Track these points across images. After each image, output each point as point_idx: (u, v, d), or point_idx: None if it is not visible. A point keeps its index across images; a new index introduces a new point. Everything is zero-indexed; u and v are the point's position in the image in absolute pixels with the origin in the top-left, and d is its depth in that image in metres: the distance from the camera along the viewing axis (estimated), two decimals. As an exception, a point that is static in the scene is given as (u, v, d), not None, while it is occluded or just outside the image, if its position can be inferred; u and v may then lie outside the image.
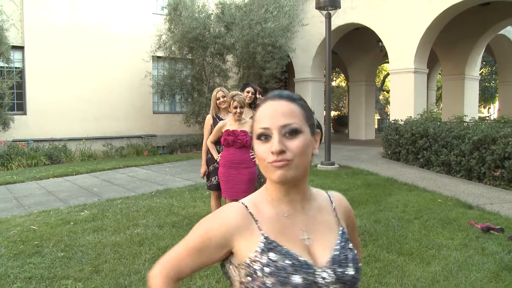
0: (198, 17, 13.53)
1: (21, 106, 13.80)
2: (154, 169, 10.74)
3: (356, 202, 6.45)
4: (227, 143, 4.55)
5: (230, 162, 4.55)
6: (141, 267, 4.15)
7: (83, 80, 14.48)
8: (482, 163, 7.86)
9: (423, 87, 13.14)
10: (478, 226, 5.11)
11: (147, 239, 4.95)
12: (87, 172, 10.39)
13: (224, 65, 14.79)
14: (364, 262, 4.13)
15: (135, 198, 7.29)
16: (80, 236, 5.14)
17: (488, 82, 27.89)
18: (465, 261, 4.14)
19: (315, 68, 15.66)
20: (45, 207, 6.83)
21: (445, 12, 11.75)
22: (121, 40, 15.09)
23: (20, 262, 4.32)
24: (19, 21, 13.62)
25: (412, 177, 8.46)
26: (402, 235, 4.94)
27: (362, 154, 12.05)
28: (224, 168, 4.61)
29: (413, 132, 9.77)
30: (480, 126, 8.59)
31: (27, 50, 13.67)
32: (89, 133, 14.47)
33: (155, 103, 16.26)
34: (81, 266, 4.21)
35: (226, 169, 4.58)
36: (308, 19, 14.97)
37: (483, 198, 6.70)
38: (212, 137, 4.80)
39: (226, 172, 4.59)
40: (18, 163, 11.79)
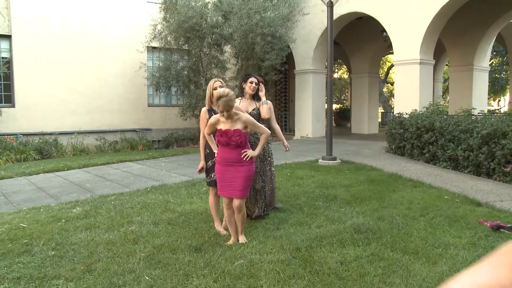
0: (195, 6, 13.33)
1: (9, 98, 13.69)
2: (149, 164, 10.61)
3: (359, 199, 6.34)
4: (221, 144, 4.48)
5: (226, 160, 4.50)
6: (135, 266, 4.06)
7: (75, 71, 14.38)
8: (491, 158, 7.68)
9: (429, 79, 12.90)
10: (488, 224, 4.98)
11: (142, 237, 4.87)
12: (79, 167, 10.27)
13: (221, 56, 14.61)
14: (368, 261, 4.05)
15: (129, 194, 7.18)
16: (72, 234, 5.04)
17: (498, 73, 27.69)
18: (473, 261, 3.92)
19: (316, 59, 15.46)
20: (35, 204, 6.72)
21: (453, 0, 11.43)
22: (114, 29, 15.00)
23: (8, 262, 4.22)
24: (5, 8, 13.44)
25: (417, 172, 8.30)
26: (407, 233, 4.84)
27: (365, 149, 11.90)
28: (221, 165, 4.55)
29: (418, 126, 9.61)
30: (489, 120, 8.41)
31: (14, 39, 13.50)
32: (81, 126, 14.41)
33: (150, 96, 16.19)
34: (73, 265, 4.13)
35: (223, 166, 4.52)
36: (309, 8, 14.77)
37: (493, 195, 6.51)
38: (207, 130, 4.68)
39: (222, 169, 4.53)
40: (6, 157, 11.66)
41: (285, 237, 4.65)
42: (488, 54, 16.03)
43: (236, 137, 4.35)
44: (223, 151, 4.50)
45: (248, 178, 4.49)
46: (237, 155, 4.45)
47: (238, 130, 4.37)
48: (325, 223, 5.18)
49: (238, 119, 4.40)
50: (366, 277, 3.74)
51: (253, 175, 4.58)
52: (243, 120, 4.41)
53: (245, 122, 4.41)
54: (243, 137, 4.40)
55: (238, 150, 4.44)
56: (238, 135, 4.36)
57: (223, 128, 4.40)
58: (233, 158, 4.45)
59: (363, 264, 3.98)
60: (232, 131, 4.36)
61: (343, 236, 4.68)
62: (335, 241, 4.54)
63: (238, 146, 4.42)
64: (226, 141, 4.38)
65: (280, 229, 5.00)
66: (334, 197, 6.42)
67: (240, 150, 4.44)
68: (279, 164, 9.06)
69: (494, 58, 26.26)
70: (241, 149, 4.44)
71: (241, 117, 4.43)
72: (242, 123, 4.40)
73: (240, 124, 4.40)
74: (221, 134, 4.41)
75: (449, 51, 16.34)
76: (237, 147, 4.42)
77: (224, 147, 4.47)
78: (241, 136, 4.37)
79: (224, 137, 4.38)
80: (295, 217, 5.41)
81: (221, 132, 4.41)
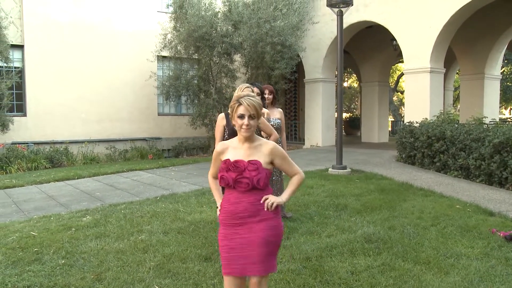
0: (205, 15, 13.35)
1: (20, 107, 13.84)
2: (159, 173, 10.59)
3: (370, 208, 6.28)
4: (225, 183, 2.79)
5: (232, 216, 2.79)
6: (145, 275, 4.04)
7: (86, 81, 14.52)
8: (503, 167, 7.57)
9: (440, 87, 12.83)
10: (501, 234, 4.90)
11: (151, 246, 4.85)
12: (90, 176, 10.28)
13: (231, 65, 14.61)
14: (379, 271, 4.03)
15: (139, 203, 7.16)
16: (82, 242, 5.03)
17: (510, 81, 27.59)
18: (486, 272, 3.96)
19: (326, 68, 15.44)
20: (46, 212, 6.71)
21: (464, 8, 11.41)
22: (124, 39, 15.12)
23: (18, 270, 4.22)
24: (19, 18, 13.64)
25: (428, 181, 8.23)
26: (418, 242, 4.79)
27: (375, 158, 11.83)
28: (225, 227, 2.83)
29: (429, 135, 9.53)
30: (501, 128, 8.28)
31: (27, 49, 13.69)
32: (91, 135, 14.53)
33: (160, 105, 16.25)
34: (82, 274, 4.12)
35: (228, 228, 2.81)
36: (319, 17, 14.78)
37: (505, 205, 6.41)
38: (212, 170, 3.10)
39: (228, 233, 2.81)
40: (17, 166, 11.72)
41: (295, 247, 4.60)
42: (500, 62, 15.92)
43: (252, 172, 2.72)
44: (227, 199, 2.82)
45: (273, 242, 2.78)
46: (251, 204, 2.76)
47: (256, 162, 2.76)
48: (336, 233, 5.13)
49: (261, 145, 2.84)
50: (377, 287, 3.71)
51: (281, 235, 2.87)
52: (269, 150, 2.81)
53: (273, 153, 2.83)
54: (263, 175, 2.74)
55: (254, 196, 2.76)
56: (255, 169, 2.73)
57: (232, 158, 2.79)
58: (246, 210, 2.75)
59: (374, 274, 3.95)
60: (246, 162, 2.75)
61: (354, 245, 4.63)
62: (346, 251, 4.50)
63: (253, 189, 2.75)
64: (235, 179, 2.73)
65: (290, 238, 4.96)
66: (344, 206, 6.38)
67: (257, 196, 2.77)
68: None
69: (506, 66, 26.15)
70: (258, 192, 2.77)
71: (266, 145, 2.84)
72: (267, 153, 2.81)
73: (262, 154, 2.81)
74: (227, 167, 2.77)
75: (460, 59, 16.24)
76: (251, 191, 2.75)
77: (231, 192, 2.80)
78: (260, 171, 2.74)
79: (232, 170, 2.75)
80: (305, 227, 5.36)
81: (228, 164, 2.78)
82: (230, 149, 2.86)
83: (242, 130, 2.76)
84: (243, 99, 2.76)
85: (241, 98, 2.77)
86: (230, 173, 2.75)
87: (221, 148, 2.91)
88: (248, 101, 2.75)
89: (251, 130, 2.77)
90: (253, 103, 2.75)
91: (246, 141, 2.82)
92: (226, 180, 2.76)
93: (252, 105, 2.75)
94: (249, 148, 2.82)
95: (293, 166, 2.94)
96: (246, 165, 2.74)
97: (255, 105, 2.76)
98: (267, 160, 2.80)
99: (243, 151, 2.81)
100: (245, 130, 2.76)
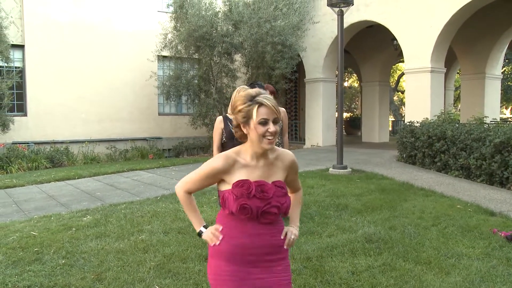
0: (205, 15, 13.38)
1: (21, 107, 13.89)
2: (160, 172, 10.61)
3: (370, 208, 6.28)
4: (247, 214, 2.05)
5: (245, 252, 2.12)
6: (145, 275, 4.05)
7: (86, 80, 14.57)
8: (504, 167, 7.57)
9: (440, 87, 12.85)
10: (502, 234, 4.90)
11: (152, 246, 4.85)
12: (90, 175, 10.30)
13: (232, 65, 14.64)
14: (380, 271, 4.03)
15: (139, 203, 7.15)
16: (82, 242, 5.04)
17: (511, 81, 27.57)
18: (488, 272, 3.96)
19: (327, 68, 15.45)
20: (46, 212, 6.72)
21: (465, 7, 11.42)
22: (125, 38, 15.18)
23: (19, 270, 4.23)
24: (19, 18, 13.69)
25: (429, 181, 8.23)
26: (419, 242, 4.79)
27: (375, 158, 11.83)
28: (231, 264, 2.14)
29: (429, 135, 9.55)
30: (502, 128, 8.30)
31: (27, 49, 13.74)
32: (92, 135, 14.58)
33: (161, 105, 16.32)
34: (83, 274, 4.13)
35: (241, 266, 2.12)
36: (319, 16, 14.80)
37: (507, 205, 6.40)
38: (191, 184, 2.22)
39: (239, 272, 2.13)
40: (18, 166, 11.74)
41: (295, 247, 4.58)
42: (501, 62, 15.93)
43: (281, 199, 2.11)
44: (241, 229, 2.10)
45: None
46: (273, 238, 2.15)
47: (282, 184, 2.16)
48: (336, 233, 5.13)
49: (277, 158, 2.19)
50: (378, 287, 3.72)
51: None
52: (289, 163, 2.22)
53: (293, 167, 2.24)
54: (289, 199, 2.19)
55: (276, 228, 2.17)
56: (283, 194, 2.13)
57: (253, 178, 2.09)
58: (265, 246, 2.13)
59: (375, 274, 3.95)
60: (272, 186, 2.11)
61: (355, 245, 4.63)
62: (346, 251, 4.50)
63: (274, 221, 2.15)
64: (263, 210, 2.06)
65: None
66: (345, 206, 6.37)
67: (278, 228, 2.18)
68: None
69: (507, 66, 26.14)
70: (279, 224, 2.20)
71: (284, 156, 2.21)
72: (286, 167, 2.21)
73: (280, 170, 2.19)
74: (249, 193, 2.04)
75: (461, 59, 16.27)
76: (273, 222, 2.15)
77: (249, 222, 2.09)
78: (287, 196, 2.17)
79: (256, 199, 2.05)
80: (306, 227, 5.35)
81: (250, 188, 2.05)
82: (239, 166, 2.09)
83: (266, 141, 2.02)
84: (262, 98, 2.03)
85: (258, 96, 2.04)
86: (254, 201, 2.03)
87: (225, 163, 2.08)
88: (270, 101, 2.04)
89: (274, 141, 2.06)
90: (275, 103, 2.07)
91: (263, 155, 2.11)
92: (250, 211, 2.02)
93: (276, 106, 2.05)
94: (266, 164, 2.13)
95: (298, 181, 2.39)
96: (273, 189, 2.09)
97: (276, 106, 2.06)
98: (284, 176, 2.20)
99: (261, 169, 2.11)
100: (270, 141, 2.03)
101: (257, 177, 2.08)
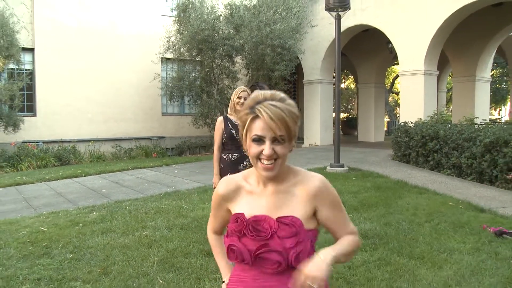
0: (207, 19, 13.50)
1: (31, 108, 13.98)
2: (163, 170, 10.71)
3: (366, 205, 6.39)
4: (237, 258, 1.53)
5: None
6: (149, 270, 4.11)
7: (93, 82, 14.64)
8: (494, 166, 7.74)
9: (433, 89, 13.03)
10: (491, 230, 5.03)
11: (155, 241, 4.91)
12: (96, 173, 10.41)
13: (233, 66, 14.75)
14: (375, 266, 4.09)
15: (143, 200, 7.25)
16: (89, 237, 5.12)
17: (499, 84, 27.77)
18: (478, 266, 4.06)
19: (324, 70, 15.60)
20: (54, 208, 6.81)
21: (456, 13, 11.64)
22: (130, 41, 15.23)
23: (29, 263, 4.32)
24: (30, 23, 13.78)
25: (423, 179, 8.36)
26: (413, 238, 4.88)
27: (371, 157, 11.93)
28: None
29: (423, 135, 9.68)
30: (491, 129, 8.46)
31: (37, 52, 13.84)
32: (98, 134, 14.63)
33: (164, 105, 16.37)
34: (89, 268, 4.21)
35: None
36: (317, 20, 14.93)
37: (495, 202, 6.57)
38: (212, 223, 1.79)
39: None
40: (27, 164, 11.89)
41: None
42: (490, 65, 16.07)
43: (287, 241, 1.46)
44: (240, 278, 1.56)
45: None
46: None
47: (293, 220, 1.48)
48: None
49: (295, 185, 1.56)
50: (373, 281, 3.77)
51: None
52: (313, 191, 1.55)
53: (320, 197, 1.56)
54: (307, 244, 1.48)
55: (287, 278, 1.46)
56: (292, 234, 1.46)
57: (248, 213, 1.53)
58: None
59: (371, 269, 4.02)
60: (274, 222, 1.49)
61: None
62: None
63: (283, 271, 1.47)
64: (255, 254, 1.48)
65: None
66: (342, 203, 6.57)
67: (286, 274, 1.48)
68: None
69: (495, 69, 26.24)
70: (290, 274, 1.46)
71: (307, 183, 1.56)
72: (309, 198, 1.54)
73: (299, 202, 1.53)
74: (239, 230, 1.51)
75: (452, 62, 16.40)
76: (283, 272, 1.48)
77: (250, 270, 1.52)
78: (301, 238, 1.47)
79: (248, 238, 1.50)
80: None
81: (242, 224, 1.52)
82: (245, 193, 1.58)
83: (261, 166, 1.46)
84: (262, 106, 1.42)
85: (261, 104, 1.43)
86: (246, 241, 1.49)
87: (226, 189, 1.61)
88: (271, 111, 1.41)
89: (278, 166, 1.47)
90: (281, 113, 1.41)
91: (271, 181, 1.53)
92: (239, 254, 1.50)
93: (280, 118, 1.41)
94: (277, 192, 1.54)
95: (348, 223, 1.65)
96: (274, 227, 1.48)
97: (284, 117, 1.42)
98: (307, 210, 1.52)
99: (267, 199, 1.54)
100: (266, 166, 1.45)
101: (261, 208, 1.52)
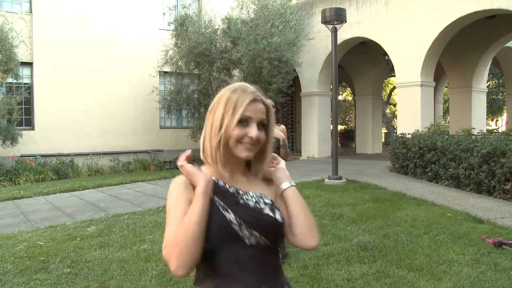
0: (205, 32, 13.61)
1: (29, 122, 14.01)
2: (161, 184, 10.65)
3: (365, 217, 6.36)
4: None
5: None
6: (147, 284, 4.08)
7: (90, 95, 14.70)
8: (491, 177, 7.74)
9: (430, 100, 13.06)
10: (490, 241, 5.02)
11: (153, 255, 4.88)
12: (94, 187, 10.38)
13: (230, 79, 14.78)
14: (374, 278, 4.07)
15: (141, 213, 7.21)
16: (87, 252, 5.09)
17: (495, 94, 27.92)
18: (477, 277, 4.04)
19: (322, 82, 15.63)
20: (52, 222, 6.78)
21: (451, 25, 11.74)
22: (128, 55, 15.31)
23: (26, 279, 4.28)
24: (28, 37, 13.87)
25: (421, 191, 8.35)
26: (411, 250, 4.87)
27: (369, 168, 11.92)
28: None
29: (420, 146, 9.69)
30: (488, 139, 8.48)
31: (35, 66, 13.90)
32: (96, 148, 14.63)
33: (162, 118, 16.43)
34: (87, 282, 4.17)
35: None
36: (314, 33, 15.01)
37: (494, 212, 6.56)
38: None
39: None
40: (25, 178, 11.88)
41: (292, 255, 4.52)
42: (485, 76, 16.14)
43: None
44: None
45: None
46: None
47: None
48: (332, 241, 5.17)
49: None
50: None
51: None
52: None
53: None
54: None
55: None
56: None
57: None
58: None
59: (370, 281, 4.00)
60: None
61: (350, 253, 4.70)
62: (342, 259, 4.56)
63: None
64: None
65: (288, 247, 4.91)
66: (340, 215, 6.43)
67: None
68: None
69: (491, 80, 26.42)
70: None
71: None
72: None
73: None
74: None
75: (449, 73, 16.46)
76: None
77: None
78: None
79: None
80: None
81: None
82: None
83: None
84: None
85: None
86: None
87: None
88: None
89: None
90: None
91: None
92: None
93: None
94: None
95: None
96: None
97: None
98: None
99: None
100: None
101: None
